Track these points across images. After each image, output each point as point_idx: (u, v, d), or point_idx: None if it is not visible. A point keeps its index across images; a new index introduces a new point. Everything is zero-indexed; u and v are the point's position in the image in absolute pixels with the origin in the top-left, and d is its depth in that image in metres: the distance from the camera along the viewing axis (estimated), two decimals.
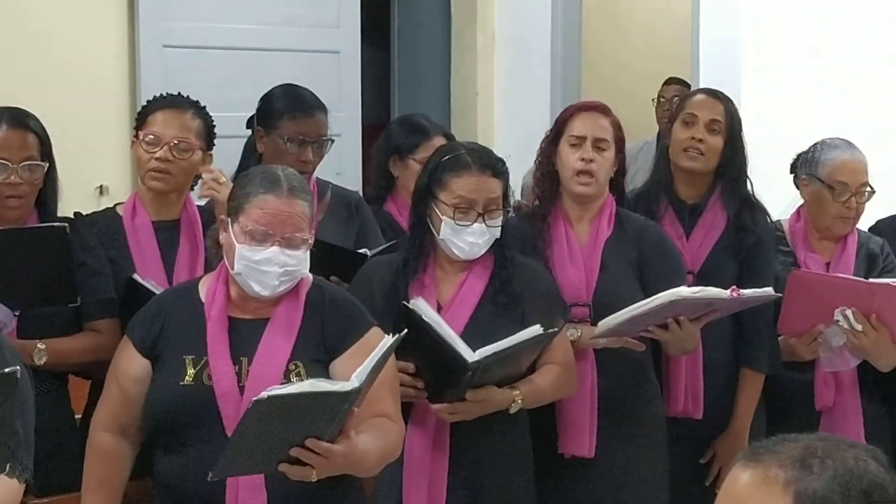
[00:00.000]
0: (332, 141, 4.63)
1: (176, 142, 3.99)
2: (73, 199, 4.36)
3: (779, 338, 4.16)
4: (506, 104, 7.55)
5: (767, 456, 1.77)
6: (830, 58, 6.49)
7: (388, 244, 4.27)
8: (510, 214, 3.88)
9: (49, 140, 3.90)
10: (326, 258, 3.93)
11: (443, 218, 3.65)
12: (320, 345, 3.29)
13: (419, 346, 3.43)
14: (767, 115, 5.13)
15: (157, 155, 3.96)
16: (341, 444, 3.00)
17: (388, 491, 3.67)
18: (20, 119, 3.87)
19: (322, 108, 4.59)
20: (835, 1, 6.64)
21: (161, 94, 4.21)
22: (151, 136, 3.97)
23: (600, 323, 3.73)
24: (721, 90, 4.50)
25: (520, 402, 3.60)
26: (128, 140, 4.22)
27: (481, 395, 3.52)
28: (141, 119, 4.09)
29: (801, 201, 4.39)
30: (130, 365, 3.32)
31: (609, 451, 3.85)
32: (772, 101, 5.91)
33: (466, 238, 3.66)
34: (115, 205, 4.20)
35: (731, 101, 4.29)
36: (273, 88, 4.69)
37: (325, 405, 2.99)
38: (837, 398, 4.17)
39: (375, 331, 3.31)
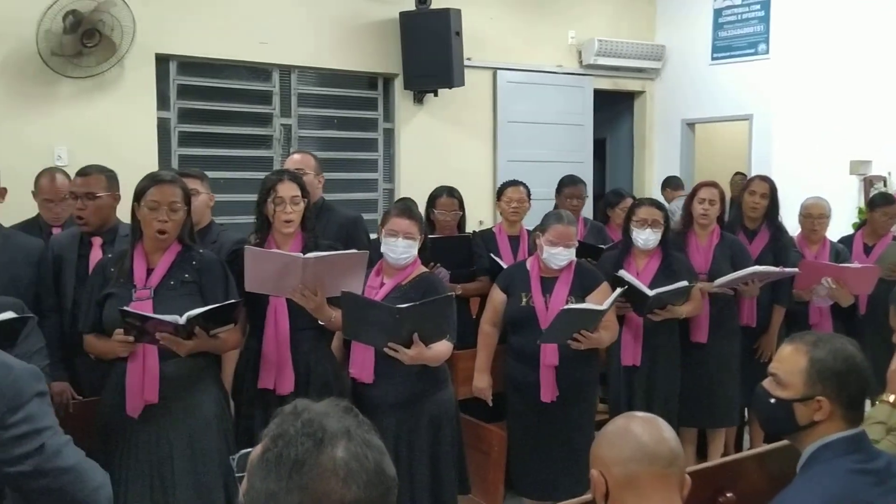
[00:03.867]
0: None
1: (518, 200, 4.29)
2: (471, 226, 4.78)
3: (793, 290, 4.23)
4: (659, 180, 7.40)
5: (798, 339, 1.86)
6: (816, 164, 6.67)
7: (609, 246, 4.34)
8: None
9: (463, 203, 4.31)
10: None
11: (633, 228, 3.75)
12: (579, 289, 3.46)
13: (628, 289, 3.57)
14: (787, 188, 4.67)
15: (512, 206, 4.25)
16: (595, 333, 3.34)
17: (616, 350, 3.81)
18: (452, 191, 4.28)
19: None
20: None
21: (507, 181, 4.46)
22: (509, 199, 4.26)
23: (716, 281, 3.91)
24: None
25: (683, 313, 3.80)
26: (491, 201, 4.43)
27: (662, 312, 3.70)
28: (500, 191, 4.36)
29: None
30: (498, 296, 3.59)
31: (712, 341, 4.00)
32: (788, 181, 5.60)
33: (642, 236, 3.76)
34: (489, 228, 4.61)
35: (772, 181, 4.34)
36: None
37: (592, 314, 3.31)
38: (819, 319, 4.29)
39: (605, 283, 3.52)
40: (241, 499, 1.11)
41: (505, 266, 3.90)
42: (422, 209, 3.93)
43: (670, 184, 6.88)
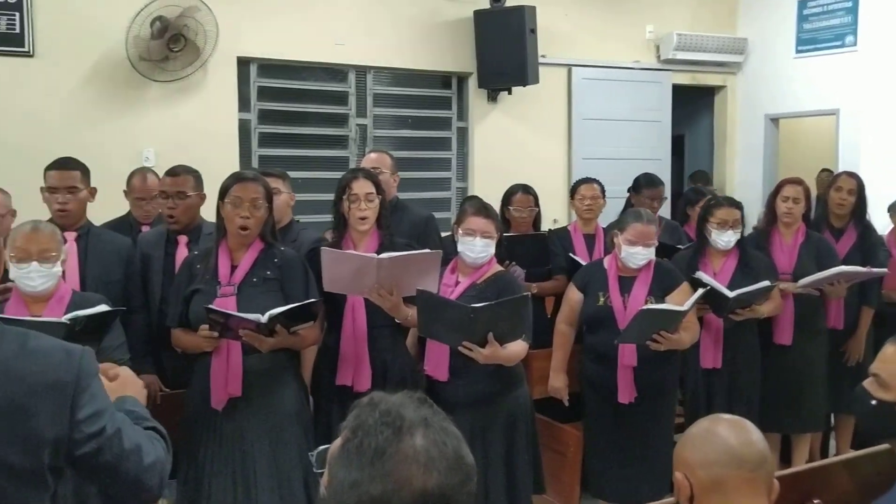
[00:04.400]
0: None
1: (592, 197, 4.26)
2: (545, 225, 4.71)
3: (882, 291, 4.13)
4: (740, 177, 7.51)
5: None
6: None
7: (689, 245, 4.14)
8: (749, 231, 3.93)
9: (538, 200, 4.28)
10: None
11: (711, 230, 3.67)
12: (659, 289, 3.37)
13: (708, 291, 3.45)
14: (876, 184, 4.67)
15: (585, 203, 4.19)
16: (675, 334, 3.24)
17: (694, 352, 3.68)
18: (527, 189, 4.27)
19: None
20: None
21: (581, 178, 4.43)
22: (583, 196, 4.20)
23: (800, 281, 3.81)
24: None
25: (765, 312, 3.69)
26: (565, 199, 4.39)
27: (743, 312, 3.60)
28: (574, 189, 4.35)
29: (892, 225, 4.41)
30: (575, 295, 3.54)
31: (797, 343, 3.85)
32: (877, 177, 5.52)
33: (723, 239, 3.66)
34: (563, 226, 4.59)
35: (859, 177, 4.23)
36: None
37: (672, 315, 3.22)
38: None
39: (685, 284, 3.43)
40: (323, 491, 1.12)
41: (584, 264, 3.86)
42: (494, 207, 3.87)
43: (701, 179, 6.56)
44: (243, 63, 5.64)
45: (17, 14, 4.79)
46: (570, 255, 4.12)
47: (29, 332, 1.39)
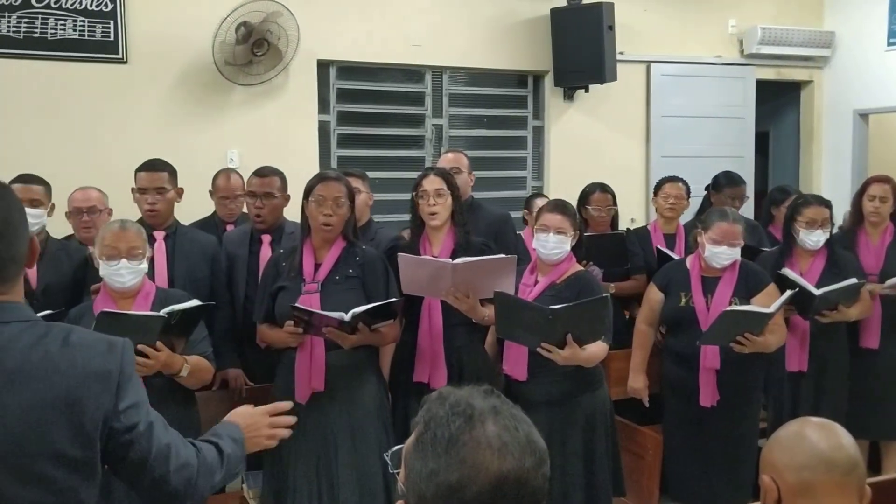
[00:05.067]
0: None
1: (676, 196, 4.23)
2: (624, 224, 4.76)
3: None
4: (828, 179, 7.32)
5: None
6: None
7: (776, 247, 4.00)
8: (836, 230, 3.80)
9: (616, 199, 4.33)
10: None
11: (800, 229, 3.61)
12: (744, 291, 3.30)
13: (797, 291, 3.36)
14: None
15: (669, 202, 4.13)
16: (761, 337, 3.14)
17: (778, 356, 3.53)
18: (605, 188, 4.20)
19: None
20: None
21: (666, 176, 4.29)
22: (667, 195, 4.10)
23: (887, 282, 3.70)
24: None
25: (854, 315, 3.61)
26: (643, 198, 4.37)
27: (831, 313, 3.51)
28: (658, 186, 4.25)
29: None
30: (655, 295, 3.49)
31: (885, 346, 3.78)
32: None
33: (812, 238, 3.58)
34: (643, 225, 4.56)
35: None
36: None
37: (757, 317, 3.14)
38: None
39: (772, 285, 3.34)
40: (401, 487, 1.15)
41: (675, 258, 3.79)
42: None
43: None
44: (323, 66, 5.76)
45: (112, 22, 5.03)
46: (659, 247, 4.05)
47: (72, 328, 1.42)
